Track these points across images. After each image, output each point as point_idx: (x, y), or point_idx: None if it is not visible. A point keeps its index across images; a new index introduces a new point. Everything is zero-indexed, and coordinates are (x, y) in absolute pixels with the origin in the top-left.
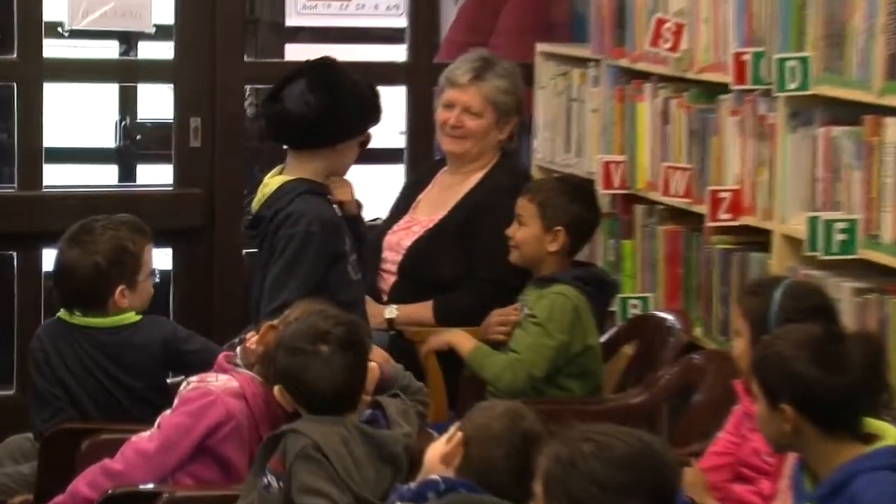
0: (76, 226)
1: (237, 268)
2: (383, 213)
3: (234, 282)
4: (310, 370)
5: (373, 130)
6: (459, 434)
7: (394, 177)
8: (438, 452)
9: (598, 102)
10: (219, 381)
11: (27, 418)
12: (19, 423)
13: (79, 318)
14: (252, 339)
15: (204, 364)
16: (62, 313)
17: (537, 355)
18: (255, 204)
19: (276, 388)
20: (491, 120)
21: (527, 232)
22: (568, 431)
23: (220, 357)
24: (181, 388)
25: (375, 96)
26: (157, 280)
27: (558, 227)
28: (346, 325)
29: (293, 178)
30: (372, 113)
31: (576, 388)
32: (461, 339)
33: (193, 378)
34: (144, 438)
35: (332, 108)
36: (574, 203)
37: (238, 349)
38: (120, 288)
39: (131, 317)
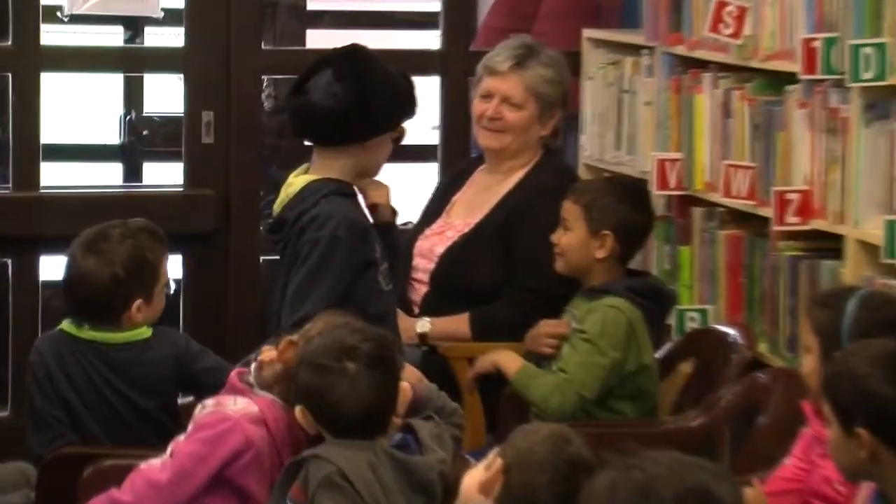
0: (91, 231)
1: (254, 277)
2: (414, 216)
3: (250, 292)
4: (335, 390)
5: (406, 125)
6: (499, 460)
7: (426, 176)
8: (476, 480)
9: (652, 94)
10: (237, 406)
11: (23, 442)
12: (15, 448)
13: (88, 332)
14: (270, 355)
15: (217, 385)
16: (67, 325)
17: (588, 375)
18: (278, 206)
19: (297, 409)
20: (533, 112)
21: (572, 237)
22: (620, 457)
23: (233, 375)
24: (196, 411)
25: (410, 87)
26: (171, 292)
27: (606, 231)
28: (375, 341)
29: (319, 177)
30: (406, 105)
31: (629, 410)
32: (508, 360)
33: (209, 401)
34: (156, 468)
35: (362, 101)
36: (622, 203)
37: (252, 366)
38: (137, 302)
39: (143, 331)
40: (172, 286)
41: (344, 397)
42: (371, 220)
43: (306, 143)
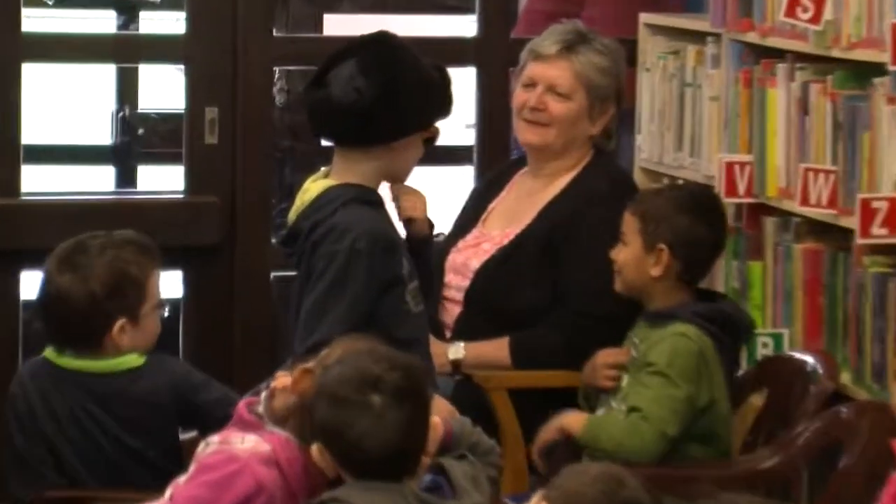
0: (68, 244)
1: (264, 295)
2: (446, 226)
3: (259, 313)
4: (357, 426)
5: (439, 123)
6: None
7: (460, 181)
8: None
9: (719, 88)
10: (246, 444)
11: (2, 483)
12: None
13: (69, 361)
14: (284, 381)
15: (224, 419)
16: (49, 352)
17: (666, 409)
18: (292, 214)
19: (314, 448)
20: (582, 105)
21: (627, 252)
22: (683, 502)
23: (241, 405)
24: (199, 449)
25: (445, 81)
26: (166, 314)
27: (660, 246)
28: (402, 370)
29: (339, 182)
30: (440, 102)
31: (699, 455)
32: (570, 419)
33: (213, 438)
34: None
35: (389, 96)
36: (683, 214)
37: (262, 396)
38: (119, 323)
39: (133, 359)
40: (166, 308)
41: (367, 435)
42: (403, 232)
43: (325, 143)
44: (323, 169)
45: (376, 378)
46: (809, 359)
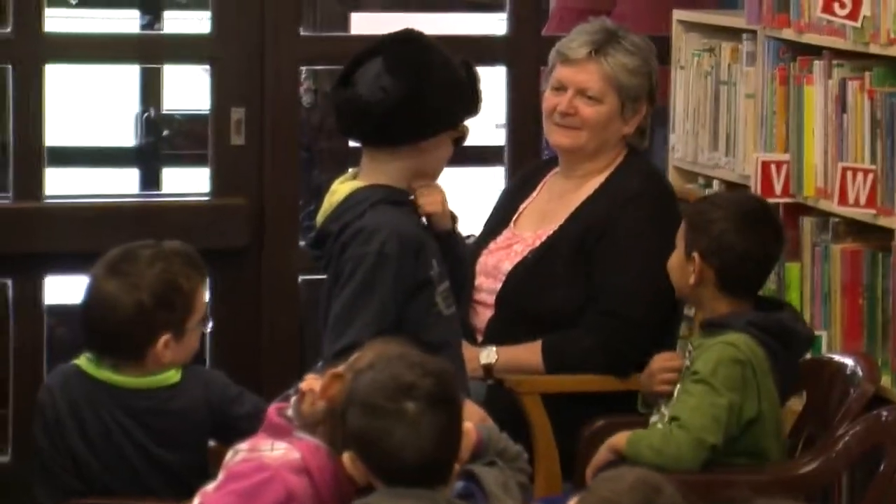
0: (117, 251)
1: (292, 299)
2: (476, 228)
3: (288, 317)
4: (392, 435)
5: (469, 123)
6: None
7: (490, 182)
8: None
9: (755, 86)
10: (275, 452)
11: (27, 492)
12: (14, 499)
13: (106, 373)
14: (313, 383)
15: (254, 432)
16: (83, 361)
17: (706, 417)
18: (321, 216)
19: (345, 456)
20: (613, 107)
21: (673, 257)
22: None
23: (271, 410)
24: (228, 457)
25: (473, 79)
26: (209, 329)
27: (694, 254)
28: (435, 376)
29: (368, 183)
30: (469, 100)
31: None
32: (617, 438)
33: (243, 445)
34: None
35: (416, 95)
36: (724, 222)
37: (292, 400)
38: (165, 338)
39: (171, 375)
40: (209, 324)
41: (403, 444)
42: (428, 230)
43: (353, 143)
44: (351, 170)
45: (410, 385)
46: (849, 361)
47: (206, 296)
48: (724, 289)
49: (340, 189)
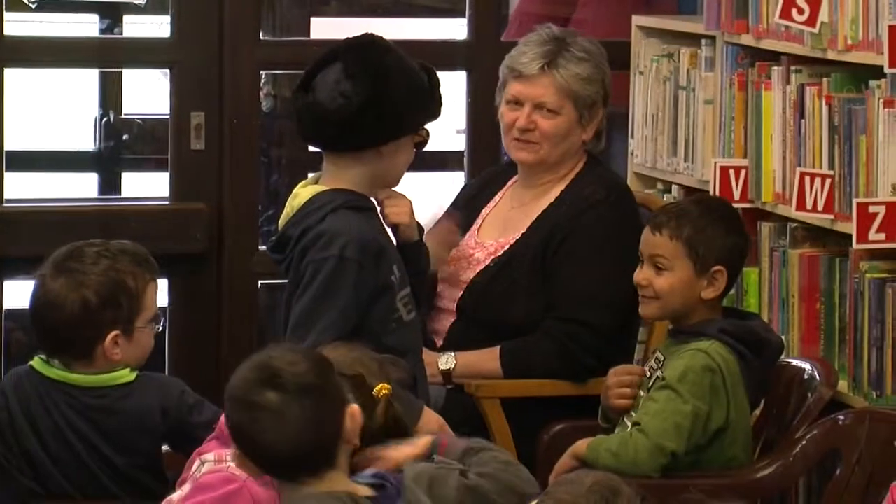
0: (63, 250)
1: (251, 304)
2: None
3: (247, 322)
4: (261, 428)
5: (430, 127)
6: None
7: (450, 187)
8: None
9: (714, 91)
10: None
11: None
12: None
13: (57, 371)
14: None
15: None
16: (36, 362)
17: (667, 423)
18: (283, 220)
19: (233, 453)
20: (571, 117)
21: (673, 279)
22: None
23: (223, 421)
24: (193, 468)
25: (434, 83)
26: (160, 329)
27: (717, 267)
28: (307, 363)
29: (329, 188)
30: (429, 104)
31: None
32: (579, 445)
33: (209, 456)
34: None
35: (376, 100)
36: (731, 234)
37: None
38: (113, 335)
39: (125, 374)
40: (161, 323)
41: (271, 435)
42: (392, 237)
43: (314, 148)
44: (312, 175)
45: (272, 375)
46: (807, 366)
47: (157, 295)
48: (723, 295)
49: (302, 193)
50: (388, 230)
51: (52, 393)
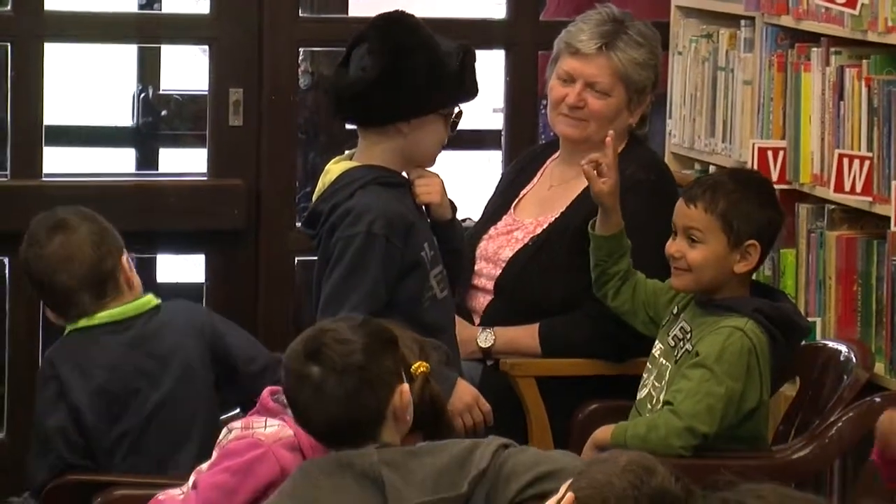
0: (40, 221)
1: (288, 280)
2: (474, 212)
3: (283, 298)
4: (300, 398)
5: (466, 107)
6: (570, 495)
7: (487, 166)
8: None
9: (753, 72)
10: (269, 429)
11: (19, 467)
12: (9, 476)
13: (101, 316)
14: None
15: (256, 373)
16: (72, 326)
17: (700, 405)
18: (316, 196)
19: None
20: (621, 100)
21: (707, 251)
22: (713, 492)
23: (265, 394)
24: (221, 436)
25: (466, 64)
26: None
27: (751, 242)
28: (360, 340)
29: (360, 164)
30: (453, 86)
31: None
32: (600, 434)
33: (236, 424)
34: (177, 500)
35: (391, 76)
36: (765, 208)
37: None
38: (124, 256)
39: (152, 299)
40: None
41: (308, 406)
42: (424, 215)
43: (350, 126)
44: (347, 151)
45: (316, 350)
46: (843, 348)
47: None
48: (755, 268)
49: (334, 169)
50: (422, 209)
51: (102, 341)
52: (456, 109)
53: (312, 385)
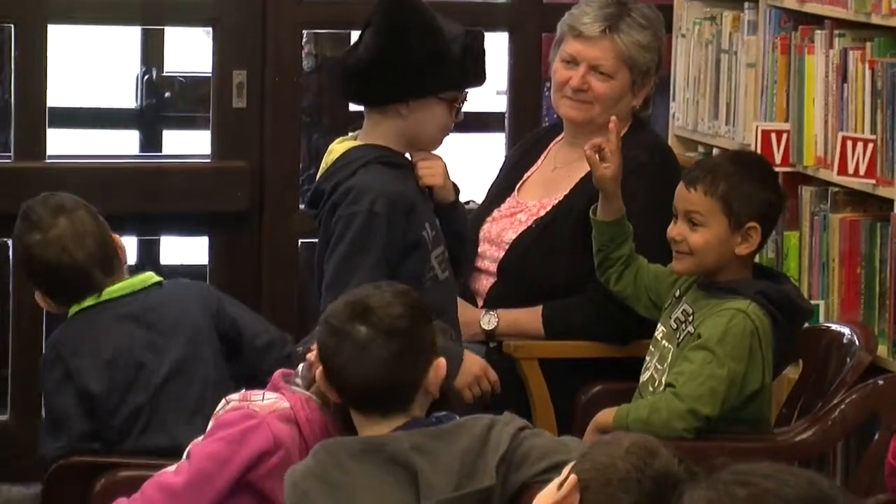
0: (33, 207)
1: (292, 262)
2: (478, 194)
3: (287, 280)
4: (340, 355)
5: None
6: (573, 477)
7: (491, 149)
8: (549, 502)
9: (756, 55)
10: (265, 401)
11: (23, 449)
12: (14, 457)
13: (110, 291)
14: (312, 352)
15: (261, 347)
16: (75, 307)
17: (702, 387)
18: (319, 175)
19: (319, 370)
20: (625, 82)
21: (709, 235)
22: (716, 473)
23: (277, 375)
24: (218, 407)
25: (472, 50)
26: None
27: (752, 224)
28: (403, 308)
29: (363, 143)
30: (454, 71)
31: None
32: (602, 418)
33: (234, 396)
34: (170, 472)
35: (388, 56)
36: (765, 190)
37: (300, 367)
38: (115, 235)
39: (152, 276)
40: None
41: (347, 364)
42: (427, 197)
43: (354, 108)
44: (351, 133)
45: (366, 310)
46: (846, 330)
47: None
48: (756, 252)
49: (337, 149)
50: (425, 191)
51: (101, 318)
52: (456, 94)
53: (357, 345)
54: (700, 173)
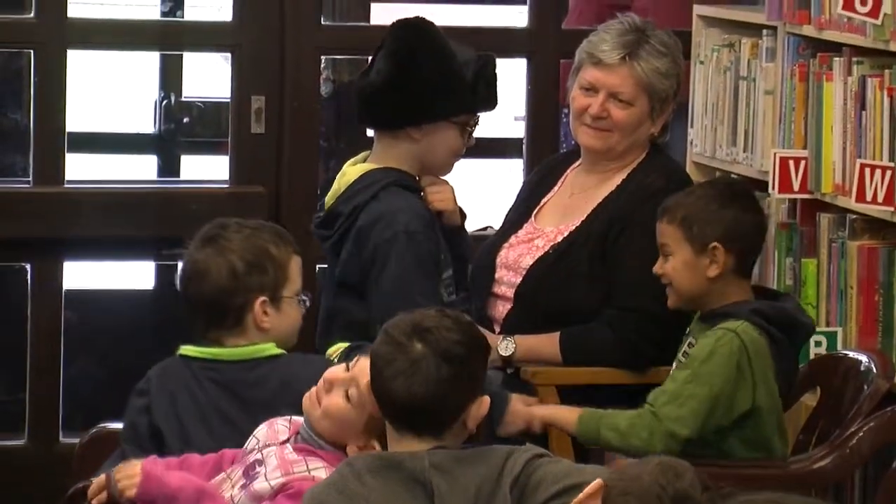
0: (207, 227)
1: (310, 287)
2: (495, 220)
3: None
4: (392, 365)
5: (487, 115)
6: (599, 480)
7: (509, 174)
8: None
9: (774, 82)
10: (311, 472)
11: (40, 475)
12: (31, 482)
13: (207, 350)
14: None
15: None
16: (184, 349)
17: (682, 409)
18: (330, 197)
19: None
20: (644, 109)
21: (676, 262)
22: (730, 500)
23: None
24: (248, 444)
25: (484, 74)
26: (307, 305)
27: (713, 244)
28: (461, 336)
29: (378, 166)
30: (464, 96)
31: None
32: (561, 413)
33: (276, 475)
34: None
35: (399, 80)
36: (724, 209)
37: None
38: (261, 300)
39: (271, 348)
40: (307, 301)
41: (396, 375)
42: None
43: (370, 133)
44: (362, 154)
45: (427, 329)
46: (863, 358)
47: (300, 270)
48: (740, 272)
49: (351, 171)
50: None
51: (197, 374)
52: (467, 118)
53: (410, 358)
54: (666, 204)
